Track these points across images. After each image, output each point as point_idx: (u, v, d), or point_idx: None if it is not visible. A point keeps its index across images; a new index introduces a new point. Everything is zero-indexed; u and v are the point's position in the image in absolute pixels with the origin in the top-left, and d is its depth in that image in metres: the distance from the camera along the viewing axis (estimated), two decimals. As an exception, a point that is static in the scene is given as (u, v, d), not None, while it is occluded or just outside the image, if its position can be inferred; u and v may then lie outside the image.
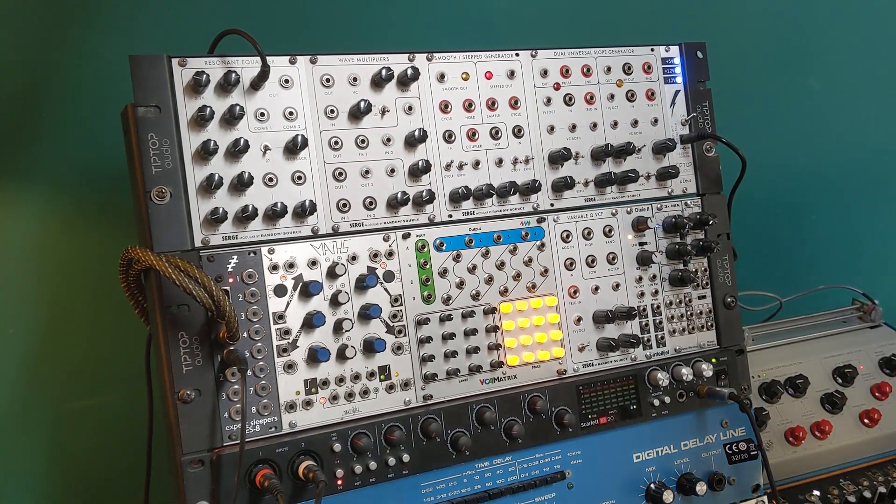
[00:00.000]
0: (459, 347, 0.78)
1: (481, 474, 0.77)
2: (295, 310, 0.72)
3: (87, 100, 0.90)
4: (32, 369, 0.90)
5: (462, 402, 0.77)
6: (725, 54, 1.04)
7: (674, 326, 0.87)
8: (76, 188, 0.91)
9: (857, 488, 0.97)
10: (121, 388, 0.92)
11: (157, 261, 0.65)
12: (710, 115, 0.90)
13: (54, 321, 0.90)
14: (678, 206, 0.89)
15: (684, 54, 0.89)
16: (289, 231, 0.72)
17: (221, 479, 0.67)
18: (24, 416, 0.89)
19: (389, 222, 0.76)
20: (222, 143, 0.70)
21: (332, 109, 0.75)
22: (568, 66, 0.84)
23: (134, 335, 0.81)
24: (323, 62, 0.75)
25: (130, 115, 0.67)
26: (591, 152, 0.85)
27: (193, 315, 0.68)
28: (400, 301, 0.76)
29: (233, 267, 0.70)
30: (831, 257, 1.36)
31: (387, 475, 0.73)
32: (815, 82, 1.34)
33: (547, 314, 0.82)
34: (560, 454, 0.81)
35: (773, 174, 1.25)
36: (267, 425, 0.70)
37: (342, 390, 0.73)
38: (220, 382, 0.68)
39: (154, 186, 0.67)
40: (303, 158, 0.73)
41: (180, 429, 0.67)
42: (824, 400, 1.03)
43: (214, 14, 0.95)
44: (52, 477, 0.90)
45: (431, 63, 0.79)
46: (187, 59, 0.70)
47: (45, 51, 0.89)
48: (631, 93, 0.87)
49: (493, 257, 0.80)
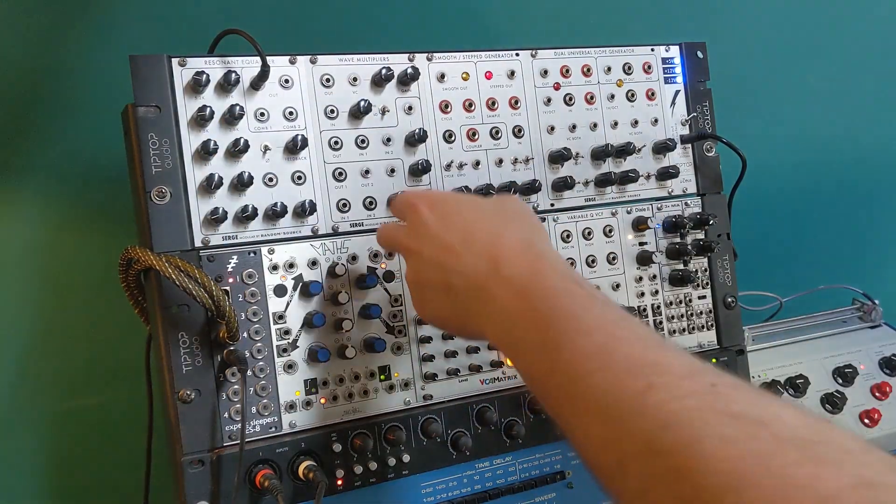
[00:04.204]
0: (459, 347, 0.78)
1: (481, 474, 0.78)
2: (295, 310, 0.72)
3: (87, 100, 0.90)
4: (32, 369, 0.89)
5: (462, 402, 0.77)
6: (725, 54, 1.04)
7: (674, 326, 0.87)
8: (76, 188, 0.90)
9: (857, 488, 0.97)
10: (121, 388, 0.91)
11: (157, 261, 0.65)
12: (711, 115, 0.90)
13: (54, 321, 0.90)
14: (678, 206, 0.89)
15: (684, 54, 0.89)
16: (289, 231, 0.72)
17: (221, 480, 0.67)
18: (23, 416, 0.89)
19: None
20: (222, 143, 0.70)
21: (332, 109, 0.75)
22: (568, 66, 0.84)
23: (134, 335, 0.81)
24: (323, 62, 0.75)
25: (130, 115, 0.67)
26: (591, 152, 0.85)
27: (193, 315, 0.68)
28: (400, 301, 0.76)
29: (233, 267, 0.70)
30: (831, 257, 1.37)
31: (387, 475, 0.73)
32: (815, 82, 1.34)
33: (547, 314, 0.81)
34: (560, 454, 0.81)
35: (773, 174, 1.25)
36: (267, 425, 0.70)
37: (342, 390, 0.73)
38: (220, 382, 0.68)
39: (154, 186, 0.67)
40: (303, 158, 0.73)
41: (180, 429, 0.67)
42: (824, 400, 1.03)
43: (214, 14, 0.95)
44: (51, 477, 0.90)
45: (431, 63, 0.79)
46: (187, 59, 0.70)
47: (45, 51, 0.89)
48: (631, 93, 0.87)
49: (493, 257, 0.80)
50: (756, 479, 0.35)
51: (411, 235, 0.63)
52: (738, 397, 0.41)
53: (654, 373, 0.43)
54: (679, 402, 0.41)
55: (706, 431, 0.38)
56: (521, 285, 0.54)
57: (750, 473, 0.36)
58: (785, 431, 0.38)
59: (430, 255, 0.60)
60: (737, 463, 0.36)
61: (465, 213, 0.62)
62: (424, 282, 0.62)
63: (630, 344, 0.46)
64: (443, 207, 0.63)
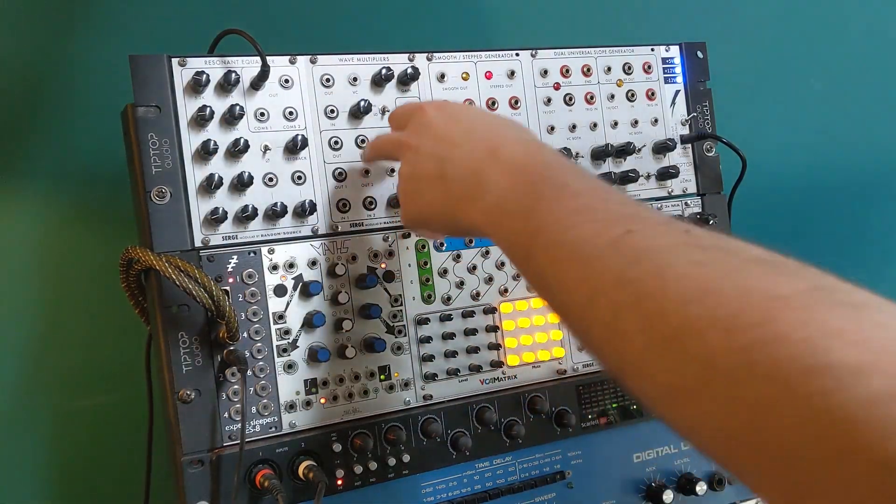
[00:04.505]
0: (459, 347, 0.78)
1: (481, 474, 0.78)
2: (295, 310, 0.72)
3: (87, 100, 0.90)
4: (32, 369, 0.89)
5: (462, 402, 0.77)
6: (725, 54, 1.04)
7: (674, 326, 0.87)
8: (76, 188, 0.90)
9: (857, 488, 0.97)
10: (121, 388, 0.91)
11: (157, 261, 0.65)
12: (711, 115, 0.90)
13: (54, 321, 0.90)
14: (678, 205, 0.89)
15: (684, 54, 0.89)
16: (289, 231, 0.72)
17: (221, 480, 0.67)
18: (23, 416, 0.89)
19: (390, 222, 0.76)
20: (222, 143, 0.70)
21: (332, 109, 0.75)
22: (568, 66, 0.84)
23: (134, 335, 0.81)
24: (323, 62, 0.75)
25: (130, 115, 0.67)
26: (591, 152, 0.85)
27: (193, 315, 0.68)
28: (400, 301, 0.76)
29: (233, 267, 0.70)
30: (831, 257, 1.36)
31: (387, 475, 0.73)
32: (815, 82, 1.34)
33: (547, 314, 0.82)
34: (560, 454, 0.81)
35: (773, 174, 1.25)
36: (267, 425, 0.70)
37: (342, 390, 0.73)
38: (220, 382, 0.68)
39: (154, 186, 0.67)
40: (303, 158, 0.73)
41: (180, 429, 0.67)
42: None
43: (214, 14, 0.95)
44: (51, 477, 0.90)
45: (431, 63, 0.79)
46: (187, 59, 0.70)
47: (45, 51, 0.89)
48: (631, 93, 0.87)
49: (493, 257, 0.80)
50: (718, 288, 0.37)
51: (413, 133, 0.65)
52: (710, 236, 0.43)
53: (633, 222, 0.45)
54: (653, 241, 0.43)
55: (675, 260, 0.41)
56: (517, 164, 0.55)
57: (714, 284, 0.38)
58: (751, 255, 0.40)
59: (429, 148, 0.62)
60: (702, 278, 0.39)
61: (472, 115, 0.65)
62: (418, 174, 0.63)
63: (615, 203, 0.49)
64: (449, 109, 0.65)
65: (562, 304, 0.48)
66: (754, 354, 0.34)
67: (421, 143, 0.63)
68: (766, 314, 0.35)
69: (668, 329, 0.38)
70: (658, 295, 0.40)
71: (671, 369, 0.38)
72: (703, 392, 0.37)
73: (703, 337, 0.36)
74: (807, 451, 0.32)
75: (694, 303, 0.37)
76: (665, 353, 0.39)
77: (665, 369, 0.39)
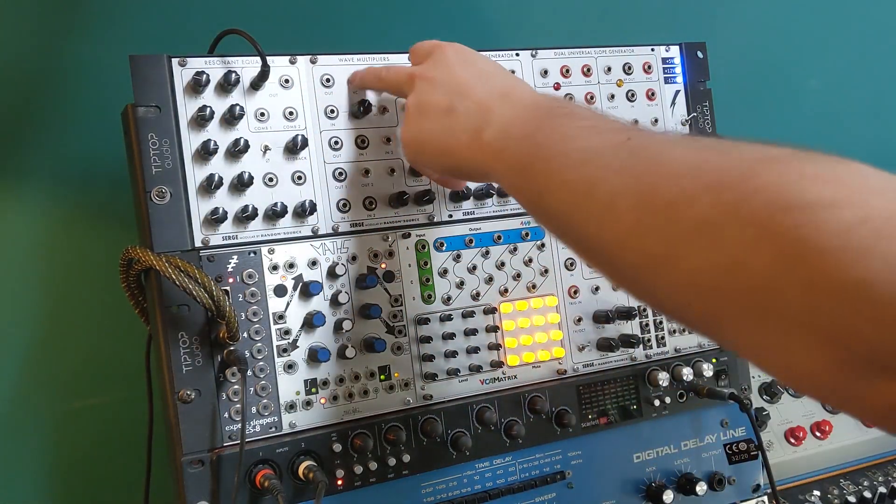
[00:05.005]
0: (459, 347, 0.78)
1: (481, 474, 0.77)
2: (295, 310, 0.72)
3: (87, 100, 0.90)
4: (32, 369, 0.89)
5: (462, 402, 0.77)
6: (725, 54, 1.04)
7: (674, 326, 0.87)
8: (76, 188, 0.90)
9: (857, 488, 0.97)
10: (121, 388, 0.91)
11: (157, 261, 0.65)
12: (711, 115, 0.90)
13: (54, 321, 0.90)
14: (678, 206, 0.89)
15: (684, 54, 0.89)
16: (289, 231, 0.72)
17: (221, 480, 0.67)
18: (23, 416, 0.89)
19: (389, 222, 0.76)
20: (222, 143, 0.70)
21: (332, 109, 0.75)
22: (568, 66, 0.84)
23: (134, 335, 0.81)
24: (323, 62, 0.75)
25: (130, 115, 0.67)
26: (592, 152, 0.85)
27: (193, 315, 0.68)
28: (400, 301, 0.76)
29: (233, 267, 0.70)
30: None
31: (387, 475, 0.73)
32: (816, 82, 1.34)
33: (547, 314, 0.82)
34: (560, 454, 0.81)
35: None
36: (267, 425, 0.70)
37: (342, 390, 0.73)
38: (220, 382, 0.68)
39: (154, 186, 0.67)
40: (303, 158, 0.73)
41: (180, 429, 0.67)
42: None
43: (214, 14, 0.95)
44: (51, 477, 0.90)
45: (431, 63, 0.79)
46: (187, 59, 0.70)
47: (45, 51, 0.89)
48: (631, 93, 0.87)
49: (493, 257, 0.80)
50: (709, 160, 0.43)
51: (430, 67, 0.67)
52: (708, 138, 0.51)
53: (634, 133, 0.51)
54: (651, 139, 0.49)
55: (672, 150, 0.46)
56: (525, 103, 0.60)
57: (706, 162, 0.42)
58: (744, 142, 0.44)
59: (444, 82, 0.65)
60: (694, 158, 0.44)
61: (487, 62, 0.67)
62: (427, 103, 0.65)
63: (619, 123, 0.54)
64: (467, 54, 0.68)
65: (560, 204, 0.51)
66: (739, 206, 0.38)
67: (437, 75, 0.66)
68: (750, 172, 0.38)
69: (661, 201, 0.42)
70: (653, 173, 0.44)
71: (660, 239, 0.42)
72: (689, 252, 0.40)
73: (694, 203, 0.40)
74: (783, 281, 0.35)
75: (686, 177, 0.42)
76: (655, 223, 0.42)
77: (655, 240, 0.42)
